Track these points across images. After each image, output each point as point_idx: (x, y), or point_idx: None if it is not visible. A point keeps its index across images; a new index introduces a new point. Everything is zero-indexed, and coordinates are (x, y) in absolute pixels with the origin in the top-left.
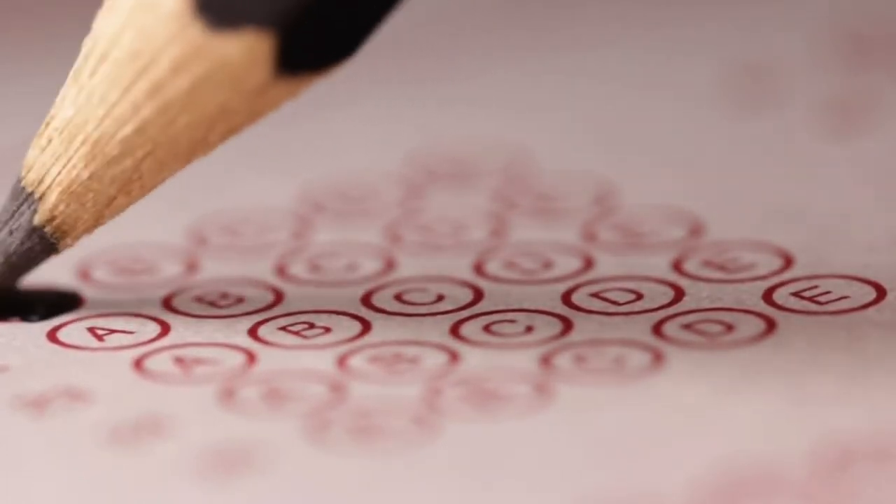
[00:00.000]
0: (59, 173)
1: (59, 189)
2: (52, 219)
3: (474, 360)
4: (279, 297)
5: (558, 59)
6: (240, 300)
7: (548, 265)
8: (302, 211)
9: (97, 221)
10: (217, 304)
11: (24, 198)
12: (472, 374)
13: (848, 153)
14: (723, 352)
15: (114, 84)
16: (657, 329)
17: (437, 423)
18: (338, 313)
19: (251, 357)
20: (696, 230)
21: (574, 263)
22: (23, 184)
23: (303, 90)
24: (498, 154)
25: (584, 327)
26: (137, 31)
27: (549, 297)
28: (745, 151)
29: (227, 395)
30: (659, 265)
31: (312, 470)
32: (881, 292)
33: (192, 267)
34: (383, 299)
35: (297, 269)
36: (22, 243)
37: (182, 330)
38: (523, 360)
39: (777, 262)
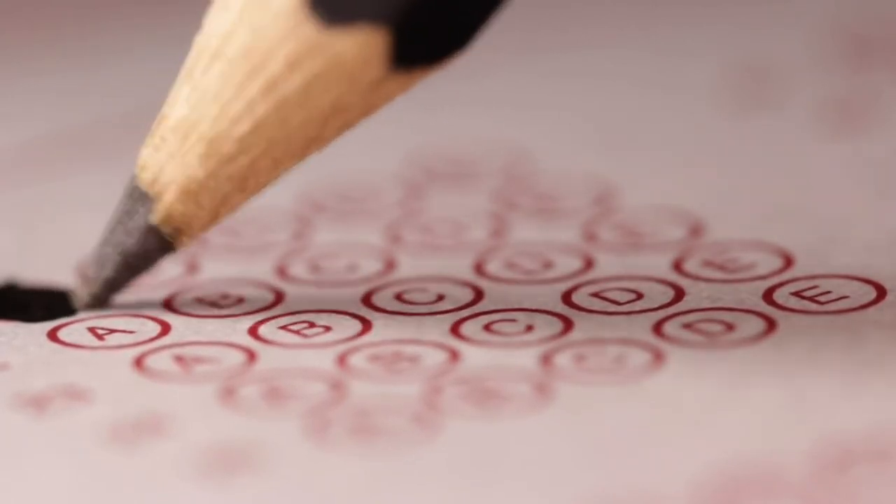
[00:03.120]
0: (175, 172)
1: (175, 188)
2: (168, 218)
3: (474, 358)
4: (279, 297)
5: (559, 59)
6: (240, 300)
7: (548, 265)
8: (302, 211)
9: (213, 219)
10: (218, 305)
11: (139, 197)
12: (473, 373)
13: (848, 153)
14: (723, 351)
15: (227, 82)
16: (657, 328)
17: (437, 422)
18: (338, 313)
19: (251, 356)
20: (696, 230)
21: (574, 263)
22: (138, 184)
23: (416, 84)
24: (498, 154)
25: (585, 326)
26: (250, 29)
27: (549, 297)
28: (745, 151)
29: (228, 393)
30: (659, 265)
31: (312, 468)
32: (881, 292)
33: (192, 267)
34: (384, 299)
35: (298, 269)
36: (139, 243)
37: (182, 329)
38: (523, 359)
39: (777, 262)
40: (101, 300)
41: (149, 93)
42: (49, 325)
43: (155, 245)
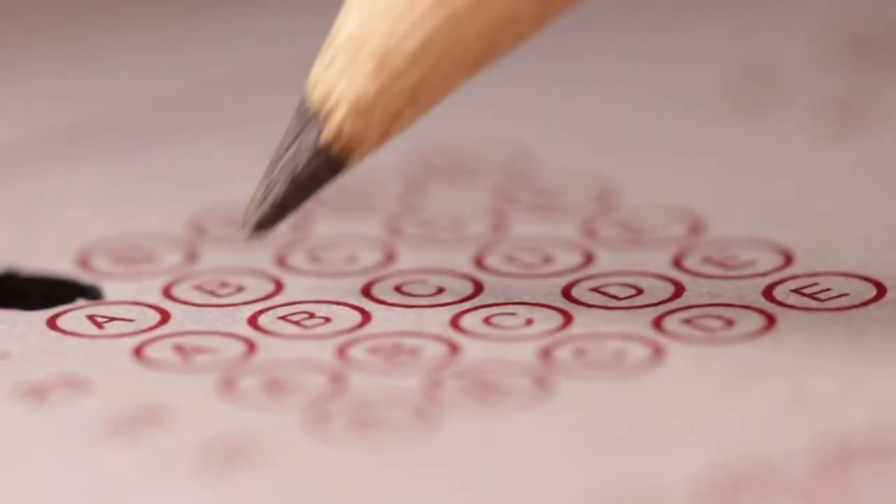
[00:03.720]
0: (345, 90)
1: (346, 106)
2: (338, 137)
3: (474, 351)
4: (279, 287)
5: (560, 60)
6: (240, 289)
7: (548, 259)
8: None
9: (384, 137)
10: (217, 293)
11: (309, 117)
12: (472, 366)
13: (848, 153)
14: (723, 347)
15: None
16: (657, 323)
17: (436, 415)
18: (338, 303)
19: (251, 346)
20: (696, 228)
21: (574, 258)
22: (308, 104)
23: None
24: (498, 151)
25: (585, 320)
26: None
27: (549, 291)
28: (745, 151)
29: (227, 384)
30: (659, 261)
31: (312, 461)
32: (881, 290)
33: (192, 256)
34: (383, 290)
35: (298, 260)
36: (309, 163)
37: (182, 318)
38: (523, 352)
39: (777, 260)
40: (269, 224)
41: (147, 89)
42: (48, 313)
43: (325, 165)
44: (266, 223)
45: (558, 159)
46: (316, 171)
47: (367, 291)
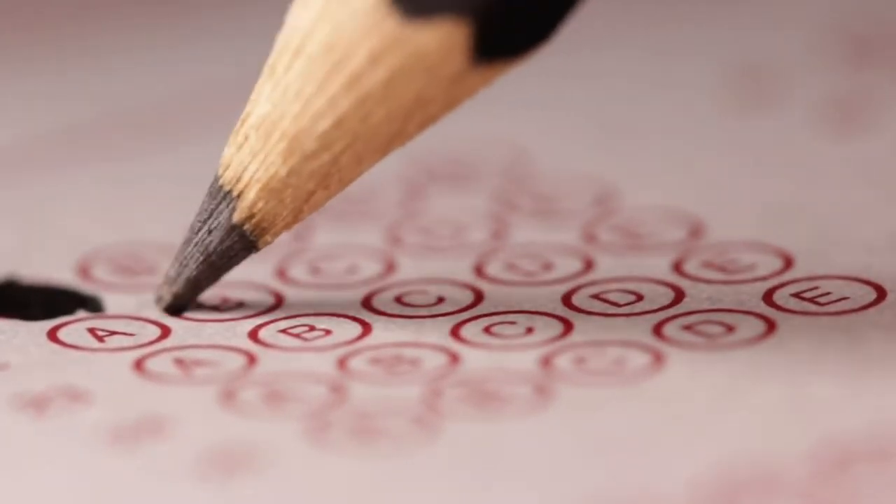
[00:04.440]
0: (257, 170)
1: (258, 186)
2: (250, 216)
3: (474, 361)
4: (279, 300)
5: (558, 60)
6: (240, 304)
7: (548, 267)
8: None
9: (296, 217)
10: (218, 308)
11: (221, 196)
12: (473, 375)
13: (848, 153)
14: (723, 352)
15: (310, 78)
16: (657, 330)
17: (437, 424)
18: (338, 316)
19: (251, 359)
20: (696, 231)
21: (574, 265)
22: (220, 182)
23: (499, 77)
24: (498, 155)
25: (585, 328)
26: (332, 25)
27: (549, 299)
28: (745, 151)
29: (228, 396)
30: (659, 266)
31: (313, 471)
32: (881, 293)
33: None
34: (384, 302)
35: (298, 271)
36: (221, 242)
37: (182, 333)
38: (523, 361)
39: (777, 263)
40: (183, 300)
41: (149, 93)
42: (49, 324)
43: (238, 244)
44: (179, 300)
45: (558, 162)
46: (229, 248)
47: (367, 303)
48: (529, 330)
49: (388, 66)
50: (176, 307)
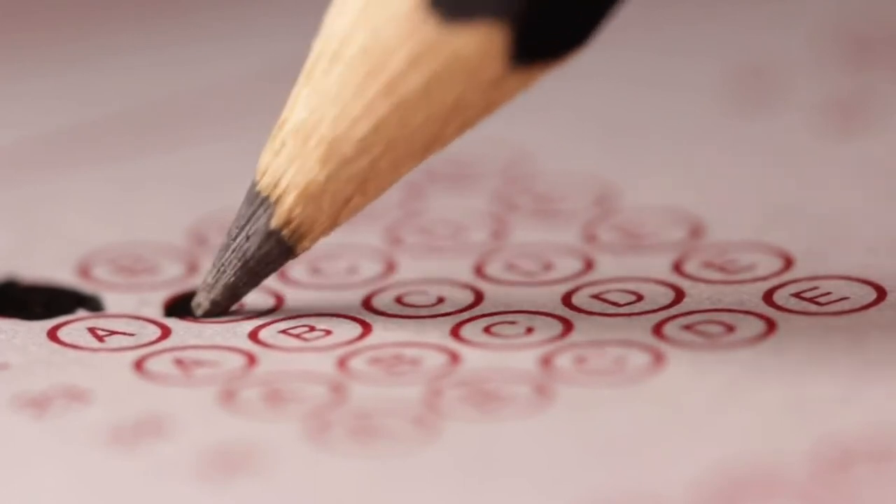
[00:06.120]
0: (295, 176)
1: (296, 191)
2: (288, 222)
3: (475, 361)
4: (280, 300)
5: None
6: (240, 304)
7: (548, 267)
8: None
9: (334, 222)
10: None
11: (259, 202)
12: (473, 375)
13: (848, 153)
14: (723, 352)
15: (347, 84)
16: (657, 330)
17: (437, 424)
18: (338, 316)
19: (252, 359)
20: (696, 231)
21: (574, 265)
22: (258, 188)
23: (537, 80)
24: (498, 155)
25: (585, 328)
26: (370, 30)
27: (549, 299)
28: (745, 151)
29: (228, 396)
30: (659, 266)
31: (313, 471)
32: (881, 293)
33: (192, 268)
34: (384, 302)
35: (298, 272)
36: (259, 248)
37: (182, 333)
38: (523, 361)
39: (777, 264)
40: (221, 306)
41: (149, 93)
42: (48, 324)
43: (275, 250)
44: (218, 306)
45: (558, 162)
46: (267, 254)
47: (367, 303)
48: (529, 330)
49: (426, 70)
50: (214, 313)
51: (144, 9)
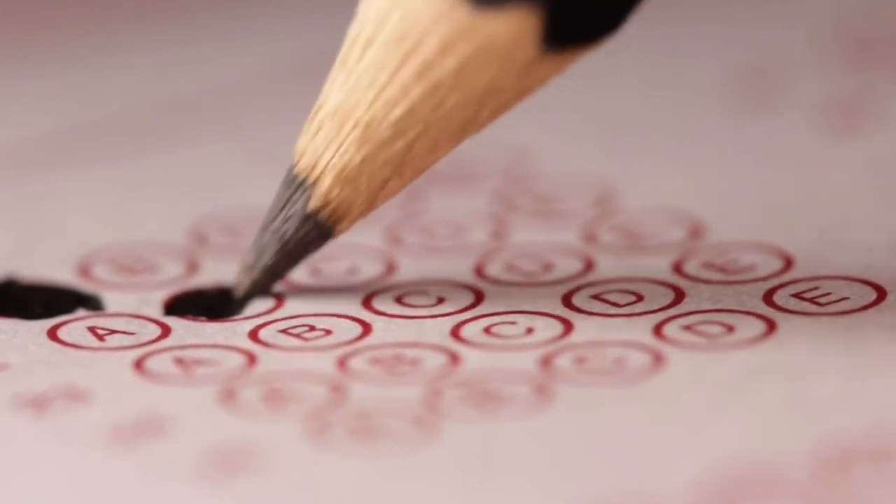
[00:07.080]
0: (332, 158)
1: (333, 174)
2: (326, 204)
3: (475, 361)
4: (280, 300)
5: None
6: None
7: (548, 267)
8: None
9: (371, 205)
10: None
11: (297, 185)
12: (473, 376)
13: (848, 153)
14: (723, 353)
15: (382, 67)
16: (657, 330)
17: (437, 425)
18: (338, 316)
19: (252, 359)
20: (696, 231)
21: (574, 265)
22: (295, 171)
23: (570, 65)
24: (498, 155)
25: (585, 328)
26: (403, 14)
27: (549, 300)
28: (745, 152)
29: (228, 395)
30: (659, 267)
31: (313, 470)
32: (881, 293)
33: (192, 267)
34: (384, 302)
35: (298, 272)
36: (297, 230)
37: (182, 332)
38: (523, 361)
39: (777, 264)
40: (261, 288)
41: (149, 93)
42: (48, 323)
43: (313, 232)
44: (257, 288)
45: (558, 162)
46: (305, 237)
47: (367, 303)
48: (529, 330)
49: (459, 54)
50: (254, 293)
51: (144, 9)
